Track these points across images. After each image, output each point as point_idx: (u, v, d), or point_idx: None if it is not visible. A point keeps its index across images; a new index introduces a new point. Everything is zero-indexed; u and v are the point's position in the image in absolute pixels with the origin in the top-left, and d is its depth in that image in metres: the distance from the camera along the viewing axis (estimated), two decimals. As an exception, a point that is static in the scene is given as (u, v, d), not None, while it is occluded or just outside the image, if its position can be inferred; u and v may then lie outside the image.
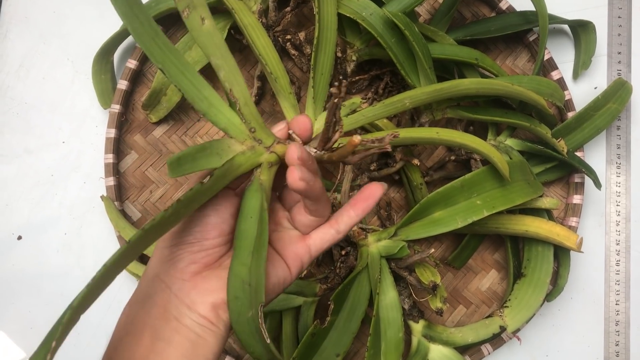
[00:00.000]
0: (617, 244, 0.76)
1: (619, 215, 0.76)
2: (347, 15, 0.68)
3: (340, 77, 0.71)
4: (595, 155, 0.77)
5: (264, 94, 0.75)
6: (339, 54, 0.70)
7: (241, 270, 0.36)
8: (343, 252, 0.65)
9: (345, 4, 0.69)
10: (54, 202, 0.72)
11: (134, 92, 0.73)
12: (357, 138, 0.38)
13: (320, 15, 0.66)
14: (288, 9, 0.72)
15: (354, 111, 0.67)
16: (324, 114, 0.68)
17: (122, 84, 0.70)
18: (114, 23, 0.70)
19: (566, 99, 0.74)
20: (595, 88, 0.78)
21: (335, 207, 0.68)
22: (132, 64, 0.71)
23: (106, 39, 0.68)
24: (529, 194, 0.65)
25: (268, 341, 0.37)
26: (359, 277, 0.62)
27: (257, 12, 0.71)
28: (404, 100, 0.63)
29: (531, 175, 0.68)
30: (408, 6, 0.68)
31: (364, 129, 0.70)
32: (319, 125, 0.68)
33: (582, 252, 0.67)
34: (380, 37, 0.67)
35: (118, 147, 0.72)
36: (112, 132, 0.70)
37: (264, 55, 0.66)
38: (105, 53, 0.70)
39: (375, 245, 0.63)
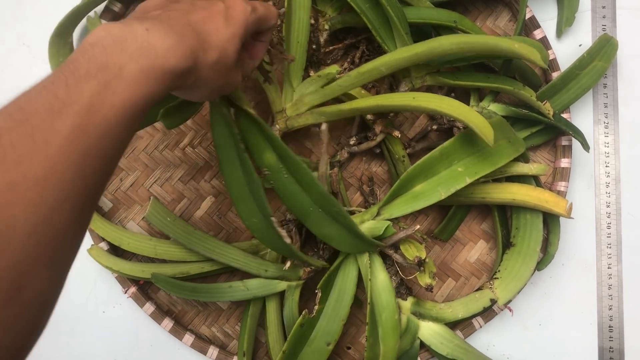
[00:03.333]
0: (608, 206, 0.74)
1: (608, 176, 0.74)
2: (317, -21, 0.64)
3: (314, 47, 0.67)
4: (582, 116, 0.74)
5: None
6: (312, 22, 0.66)
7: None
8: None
9: (314, -30, 0.65)
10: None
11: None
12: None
13: None
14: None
15: (330, 81, 0.64)
16: (304, 83, 0.64)
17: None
18: (71, 2, 0.65)
19: (550, 58, 0.71)
20: (580, 45, 0.75)
21: None
22: (91, 45, 0.67)
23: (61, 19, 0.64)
24: (511, 153, 0.63)
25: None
26: (345, 262, 0.60)
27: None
28: (380, 67, 0.60)
29: (512, 133, 0.65)
30: (380, -31, 0.64)
31: (339, 100, 0.66)
32: (298, 95, 0.65)
33: (572, 218, 0.65)
34: (354, 2, 0.64)
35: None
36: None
37: None
38: (62, 34, 0.65)
39: (360, 227, 0.60)
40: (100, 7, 0.68)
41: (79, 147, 0.32)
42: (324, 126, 0.62)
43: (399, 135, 0.65)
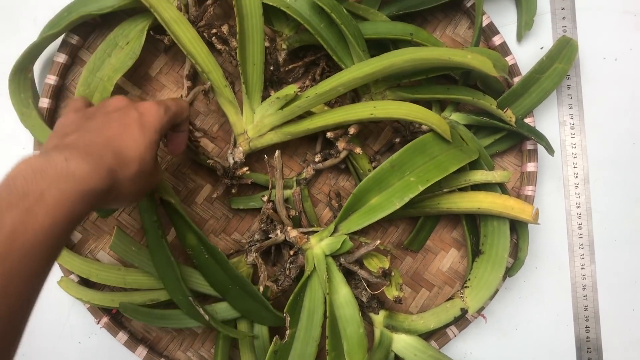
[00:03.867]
0: (578, 207, 0.74)
1: (577, 177, 0.74)
2: (270, 3, 0.64)
3: (272, 68, 0.68)
4: (547, 118, 0.75)
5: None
6: (267, 44, 0.67)
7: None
8: (292, 252, 0.63)
9: (268, -8, 0.65)
10: None
11: (59, 107, 0.69)
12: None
13: (239, 5, 0.62)
14: (209, 1, 0.68)
15: (290, 101, 0.64)
16: (264, 105, 0.65)
17: (44, 102, 0.67)
18: (29, 36, 0.65)
19: (510, 63, 0.71)
20: (542, 48, 0.75)
21: (269, 217, 0.66)
22: (51, 79, 0.67)
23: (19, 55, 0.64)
24: (462, 159, 0.63)
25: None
26: (309, 281, 0.60)
27: (176, 8, 0.67)
28: (337, 87, 0.60)
29: (463, 143, 0.66)
30: (333, -13, 0.64)
31: (302, 116, 0.66)
32: (258, 117, 0.65)
33: (539, 224, 0.65)
34: (308, 24, 0.64)
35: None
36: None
37: (191, 50, 0.63)
38: (21, 69, 0.66)
39: (319, 245, 0.60)
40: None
41: (0, 271, 0.34)
42: (277, 153, 0.62)
43: (360, 152, 0.65)
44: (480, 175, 0.65)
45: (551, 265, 0.73)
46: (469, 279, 0.66)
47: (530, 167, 0.71)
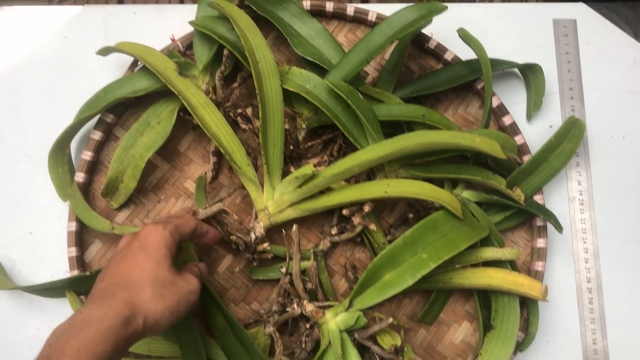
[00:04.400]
0: (588, 282, 0.75)
1: (587, 252, 0.76)
2: (291, 89, 0.69)
3: (291, 147, 0.72)
4: (557, 194, 0.77)
5: (221, 168, 0.76)
6: (287, 126, 0.71)
7: None
8: (307, 325, 0.65)
9: (289, 78, 0.70)
10: (22, 299, 0.72)
11: (93, 181, 0.74)
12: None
13: (262, 93, 0.67)
14: (235, 84, 0.73)
15: (307, 179, 0.68)
16: (283, 183, 0.68)
17: (79, 177, 0.72)
18: (67, 114, 0.71)
19: (520, 143, 0.74)
20: (551, 126, 0.79)
21: (286, 291, 0.68)
22: (87, 155, 0.72)
23: (60, 132, 0.69)
24: (473, 237, 0.65)
25: None
26: (325, 356, 0.62)
27: (204, 91, 0.72)
28: (353, 167, 0.64)
29: (474, 220, 0.68)
30: (349, 73, 0.69)
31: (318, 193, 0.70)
32: (278, 194, 0.69)
33: (547, 301, 0.67)
34: (326, 108, 0.68)
35: (81, 238, 0.72)
36: (73, 225, 0.71)
37: (216, 132, 0.68)
38: (60, 147, 0.71)
39: (334, 320, 0.63)
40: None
41: None
42: (294, 228, 0.66)
43: (375, 229, 0.68)
44: (490, 253, 0.68)
45: (563, 339, 0.74)
46: (480, 354, 0.68)
47: (540, 243, 0.73)
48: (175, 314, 0.53)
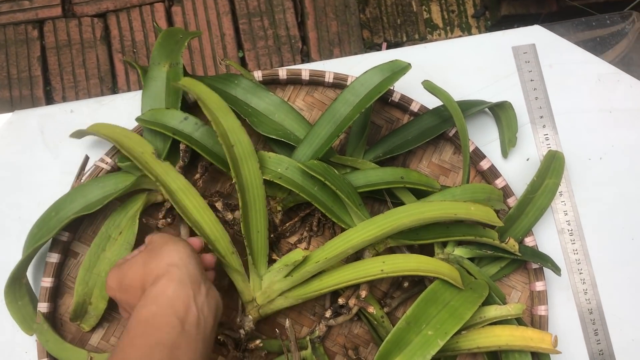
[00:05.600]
0: (591, 313, 0.74)
1: (584, 283, 0.74)
2: (264, 177, 0.64)
3: (271, 235, 0.67)
4: (545, 229, 0.75)
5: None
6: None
7: None
8: None
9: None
10: None
11: (58, 306, 0.68)
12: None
13: (240, 178, 0.62)
14: (197, 175, 0.67)
15: (297, 267, 0.63)
16: (271, 272, 0.64)
17: (43, 307, 0.65)
18: (17, 237, 0.65)
19: (502, 185, 0.72)
20: (528, 159, 0.76)
21: None
22: (47, 282, 0.65)
23: (13, 268, 0.62)
24: (475, 301, 0.63)
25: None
26: None
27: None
28: (347, 250, 0.61)
29: (470, 279, 0.66)
30: (320, 150, 0.65)
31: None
32: (267, 284, 0.64)
33: (560, 352, 0.64)
34: (302, 190, 0.64)
35: (56, 373, 0.66)
36: (45, 361, 0.64)
37: (198, 219, 0.62)
38: (16, 280, 0.64)
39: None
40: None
41: None
42: (288, 322, 0.62)
43: (374, 311, 0.64)
44: (494, 311, 0.65)
45: (575, 377, 0.72)
46: (501, 418, 0.65)
47: (539, 286, 0.71)
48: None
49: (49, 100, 1.29)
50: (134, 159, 0.62)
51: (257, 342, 0.65)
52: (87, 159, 0.68)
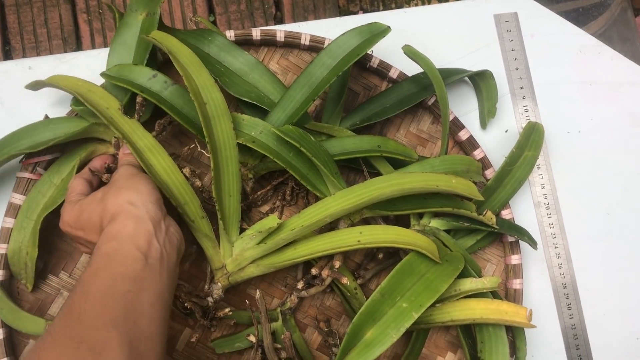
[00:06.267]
0: (564, 287, 0.73)
1: (559, 257, 0.73)
2: (237, 141, 0.61)
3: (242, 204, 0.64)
4: (522, 201, 0.74)
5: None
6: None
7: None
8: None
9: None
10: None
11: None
12: None
13: (212, 139, 0.58)
14: (154, 134, 0.63)
15: (270, 234, 0.60)
16: (244, 239, 0.61)
17: (-3, 274, 0.61)
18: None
19: (480, 157, 0.70)
20: (507, 131, 0.75)
21: None
22: (2, 248, 0.61)
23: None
24: (451, 273, 0.61)
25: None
26: None
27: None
28: (325, 218, 0.59)
29: (446, 251, 0.64)
30: (295, 114, 0.62)
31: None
32: (238, 250, 0.61)
33: (535, 326, 0.63)
34: (277, 156, 0.61)
35: (12, 343, 0.62)
36: (0, 332, 0.61)
37: (166, 180, 0.57)
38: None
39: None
40: None
41: None
42: (258, 293, 0.59)
43: (347, 282, 0.62)
44: (469, 285, 0.64)
45: (547, 351, 0.72)
46: (474, 390, 0.64)
47: (514, 259, 0.70)
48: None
49: (8, 60, 1.23)
50: (98, 114, 0.58)
51: (227, 310, 0.62)
52: (47, 119, 0.63)
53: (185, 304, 0.61)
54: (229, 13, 1.26)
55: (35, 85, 0.63)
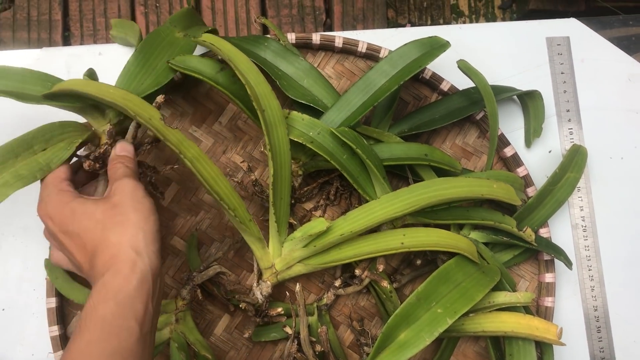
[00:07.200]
0: (595, 310, 0.74)
1: (592, 280, 0.74)
2: (295, 139, 0.63)
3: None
4: (560, 222, 0.75)
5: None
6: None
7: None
8: None
9: (290, 125, 0.64)
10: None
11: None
12: None
13: (272, 144, 0.61)
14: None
15: (319, 236, 0.62)
16: (293, 240, 0.63)
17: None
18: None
19: (523, 174, 0.72)
20: (550, 152, 0.76)
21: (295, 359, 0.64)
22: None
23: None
24: (487, 284, 0.63)
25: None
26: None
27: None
28: (371, 224, 0.62)
29: (483, 263, 0.66)
30: (352, 117, 0.65)
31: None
32: (287, 251, 0.64)
33: (564, 344, 0.65)
34: (331, 157, 0.63)
35: (62, 313, 0.66)
36: (53, 302, 0.64)
37: (215, 188, 0.59)
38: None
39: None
40: None
41: None
42: (298, 287, 0.62)
43: (387, 285, 0.64)
44: (504, 297, 0.65)
45: (573, 371, 0.73)
46: (499, 402, 0.66)
47: (548, 278, 0.71)
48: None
49: (67, 46, 1.28)
50: (144, 125, 0.55)
51: (279, 309, 0.65)
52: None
53: (240, 305, 0.63)
54: (280, 17, 1.29)
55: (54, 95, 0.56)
